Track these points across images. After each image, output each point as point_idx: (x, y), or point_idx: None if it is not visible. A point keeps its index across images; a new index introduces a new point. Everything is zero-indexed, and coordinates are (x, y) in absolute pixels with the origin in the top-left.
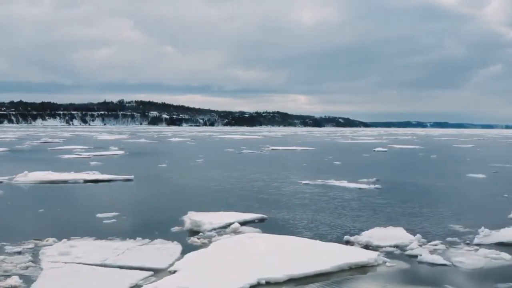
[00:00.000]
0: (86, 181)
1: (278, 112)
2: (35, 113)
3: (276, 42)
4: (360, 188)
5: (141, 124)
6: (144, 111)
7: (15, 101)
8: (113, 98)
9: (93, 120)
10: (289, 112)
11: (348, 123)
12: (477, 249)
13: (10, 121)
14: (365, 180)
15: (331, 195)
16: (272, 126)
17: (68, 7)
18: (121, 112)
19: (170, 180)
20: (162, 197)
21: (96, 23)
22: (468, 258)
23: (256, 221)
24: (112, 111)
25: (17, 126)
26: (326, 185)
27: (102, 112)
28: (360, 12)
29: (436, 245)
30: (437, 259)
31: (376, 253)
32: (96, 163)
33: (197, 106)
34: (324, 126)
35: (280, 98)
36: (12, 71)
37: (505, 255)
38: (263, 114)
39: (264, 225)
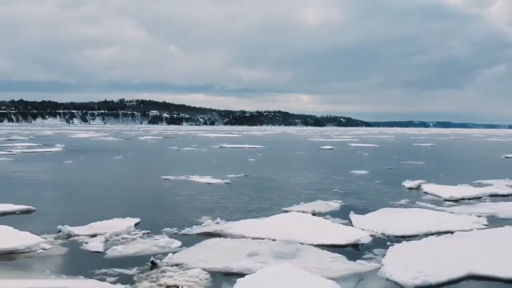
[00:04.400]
0: None
1: (279, 112)
2: (35, 112)
3: (279, 42)
4: (208, 183)
5: (141, 123)
6: (145, 110)
7: (15, 100)
8: (117, 97)
9: (93, 119)
10: (291, 112)
11: (350, 122)
12: (160, 239)
13: (10, 119)
14: (232, 175)
15: (161, 189)
16: (273, 125)
17: (72, 6)
18: (122, 111)
19: (28, 174)
20: None
21: (100, 23)
22: (128, 247)
23: (17, 212)
24: (112, 110)
25: (15, 125)
26: (181, 181)
27: (103, 111)
28: (364, 12)
29: (134, 235)
30: (97, 246)
31: (41, 240)
32: (5, 159)
33: (200, 105)
34: (325, 125)
35: (283, 97)
36: (16, 70)
37: (177, 243)
38: (264, 114)
39: (17, 216)
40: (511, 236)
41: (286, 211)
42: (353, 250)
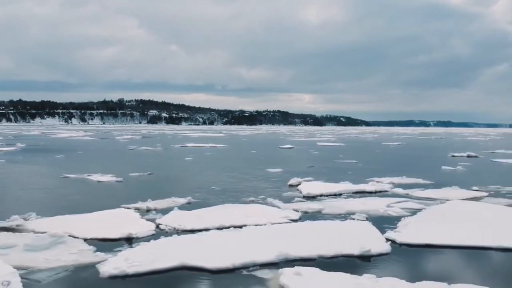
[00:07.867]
0: None
1: (278, 111)
2: (33, 112)
3: (281, 41)
4: (99, 181)
5: (140, 123)
6: (144, 110)
7: (14, 99)
8: (118, 97)
9: (92, 119)
10: (291, 111)
11: (350, 122)
12: None
13: (9, 119)
14: (136, 174)
15: (40, 187)
16: (272, 125)
17: (74, 6)
18: (121, 111)
19: None
20: None
21: (102, 22)
22: None
23: None
24: (111, 110)
25: (11, 125)
26: (77, 179)
27: (102, 111)
28: (366, 11)
29: None
30: None
31: None
32: None
33: (200, 105)
34: (325, 125)
35: (284, 97)
36: (18, 70)
37: None
38: (264, 113)
39: None
40: (292, 231)
41: (121, 207)
42: (123, 244)
